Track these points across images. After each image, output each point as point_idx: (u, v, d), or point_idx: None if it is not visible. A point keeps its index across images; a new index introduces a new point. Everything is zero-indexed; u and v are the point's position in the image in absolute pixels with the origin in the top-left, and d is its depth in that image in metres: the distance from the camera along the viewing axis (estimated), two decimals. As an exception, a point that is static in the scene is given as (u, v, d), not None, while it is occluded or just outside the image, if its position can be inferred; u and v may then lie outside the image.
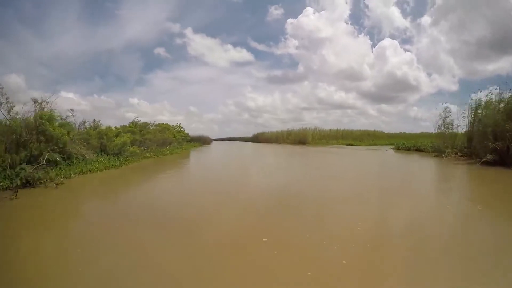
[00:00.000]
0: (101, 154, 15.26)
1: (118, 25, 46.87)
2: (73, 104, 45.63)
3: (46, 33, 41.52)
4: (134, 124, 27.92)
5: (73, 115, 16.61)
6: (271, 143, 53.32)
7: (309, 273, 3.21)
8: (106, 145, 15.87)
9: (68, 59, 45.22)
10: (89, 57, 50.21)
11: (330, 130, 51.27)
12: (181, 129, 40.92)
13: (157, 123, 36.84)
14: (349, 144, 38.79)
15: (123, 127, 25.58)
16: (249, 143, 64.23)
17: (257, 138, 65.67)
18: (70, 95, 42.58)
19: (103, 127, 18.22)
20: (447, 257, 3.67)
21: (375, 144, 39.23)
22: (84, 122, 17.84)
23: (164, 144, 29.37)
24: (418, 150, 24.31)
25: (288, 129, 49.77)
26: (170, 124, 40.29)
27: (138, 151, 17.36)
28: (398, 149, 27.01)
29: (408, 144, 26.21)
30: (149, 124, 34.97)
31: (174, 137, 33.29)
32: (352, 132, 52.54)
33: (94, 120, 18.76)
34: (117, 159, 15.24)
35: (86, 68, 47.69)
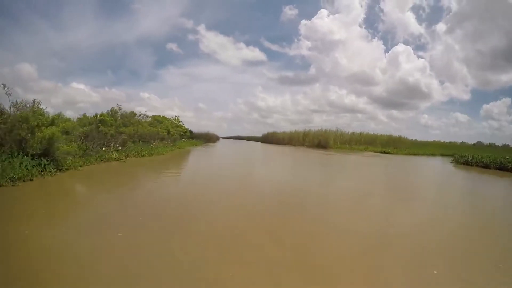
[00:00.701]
0: (19, 154, 8.89)
1: (132, 19, 46.58)
2: (84, 95, 45.48)
3: (60, 24, 40.93)
4: (113, 112, 21.60)
5: (7, 93, 10.41)
6: (284, 144, 46.32)
7: None
8: (27, 139, 9.48)
9: (81, 51, 44.58)
10: (102, 50, 49.00)
11: (353, 133, 43.85)
12: (180, 123, 34.61)
13: (152, 114, 31.00)
14: (384, 152, 31.25)
15: (95, 116, 19.32)
16: (259, 143, 57.58)
17: (268, 139, 58.76)
18: (81, 86, 44.23)
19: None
20: None
21: (415, 154, 31.56)
22: (16, 104, 11.29)
23: (153, 140, 23.24)
24: (501, 169, 16.86)
25: (305, 130, 42.71)
26: (168, 117, 34.24)
27: (77, 150, 10.83)
28: (466, 164, 19.54)
29: (485, 157, 18.67)
30: (139, 114, 28.77)
31: (167, 132, 26.92)
32: (377, 137, 44.92)
33: (34, 101, 12.19)
34: (39, 164, 8.83)
35: (99, 60, 47.77)
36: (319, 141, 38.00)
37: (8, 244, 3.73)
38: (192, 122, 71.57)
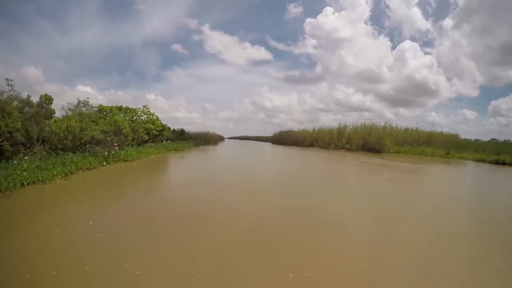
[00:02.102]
0: None
1: (137, 20, 46.17)
2: (90, 98, 40.28)
3: (66, 27, 41.13)
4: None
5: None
6: (306, 146, 33.69)
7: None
8: None
9: (87, 53, 44.58)
10: (107, 52, 48.68)
11: (406, 129, 30.62)
12: (152, 116, 22.44)
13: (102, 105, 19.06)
14: (501, 162, 17.82)
15: None
16: (269, 145, 45.44)
17: (281, 139, 46.28)
18: (87, 89, 43.76)
19: None
20: None
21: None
22: None
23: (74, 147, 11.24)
24: None
25: (340, 125, 29.42)
26: (132, 108, 22.11)
27: None
28: None
29: None
30: (77, 103, 17.01)
31: (109, 132, 14.78)
32: (432, 134, 31.80)
33: None
34: None
35: (105, 63, 47.75)
36: (364, 142, 25.18)
37: None
38: (199, 122, 69.71)
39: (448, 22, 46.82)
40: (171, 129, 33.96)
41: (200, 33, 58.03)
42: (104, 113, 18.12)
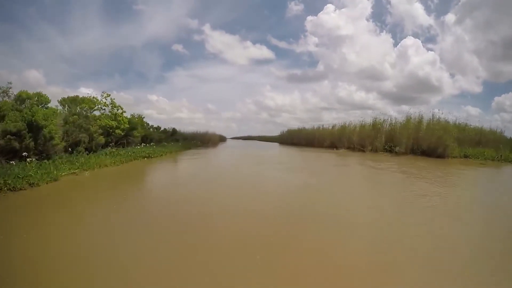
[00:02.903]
0: None
1: (138, 21, 46.88)
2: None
3: (67, 30, 41.67)
4: None
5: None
6: (324, 147, 27.15)
7: None
8: None
9: (89, 55, 45.11)
10: (109, 53, 48.98)
11: (455, 125, 23.60)
12: (116, 110, 15.84)
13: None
14: None
15: None
16: (277, 146, 39.27)
17: (291, 138, 40.06)
18: (89, 90, 37.47)
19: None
20: None
21: None
22: None
23: None
24: None
25: (376, 120, 22.34)
26: (90, 97, 15.57)
27: None
28: None
29: None
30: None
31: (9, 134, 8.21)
32: (483, 131, 24.98)
33: None
34: None
35: (107, 64, 48.63)
36: (414, 142, 18.44)
37: None
38: (202, 123, 69.99)
39: (450, 17, 45.50)
40: (161, 128, 28.06)
41: (201, 33, 56.92)
42: (30, 102, 11.69)
